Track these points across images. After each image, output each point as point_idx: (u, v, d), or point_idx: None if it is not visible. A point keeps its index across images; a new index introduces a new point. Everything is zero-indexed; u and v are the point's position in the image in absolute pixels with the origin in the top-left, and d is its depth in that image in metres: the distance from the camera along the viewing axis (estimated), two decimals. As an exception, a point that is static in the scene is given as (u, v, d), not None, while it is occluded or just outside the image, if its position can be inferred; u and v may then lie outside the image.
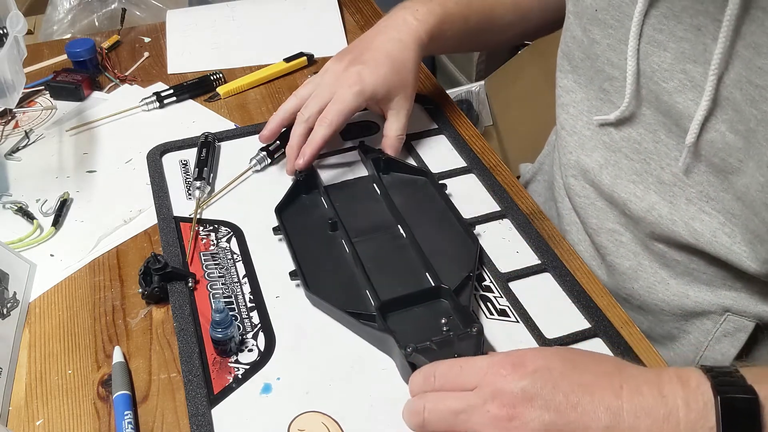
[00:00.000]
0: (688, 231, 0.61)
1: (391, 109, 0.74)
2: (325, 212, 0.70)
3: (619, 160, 0.66)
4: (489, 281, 0.64)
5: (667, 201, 0.62)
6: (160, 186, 0.75)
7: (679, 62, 0.56)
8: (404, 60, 0.73)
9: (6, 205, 0.75)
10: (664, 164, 0.61)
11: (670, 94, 0.57)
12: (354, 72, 0.71)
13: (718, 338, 0.65)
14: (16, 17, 0.69)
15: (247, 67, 0.97)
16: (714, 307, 0.64)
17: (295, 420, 0.53)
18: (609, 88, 0.64)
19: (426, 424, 0.48)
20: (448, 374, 0.49)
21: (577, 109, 0.70)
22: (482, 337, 0.55)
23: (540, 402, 0.45)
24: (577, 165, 0.71)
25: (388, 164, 0.75)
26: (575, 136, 0.70)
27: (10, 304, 0.62)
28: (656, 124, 0.61)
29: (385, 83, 0.72)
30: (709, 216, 0.59)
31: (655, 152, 0.62)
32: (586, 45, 0.65)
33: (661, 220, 0.63)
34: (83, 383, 0.58)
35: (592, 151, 0.68)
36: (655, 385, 0.45)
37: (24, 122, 0.88)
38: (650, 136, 0.62)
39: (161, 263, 0.62)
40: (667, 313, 0.67)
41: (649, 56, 0.58)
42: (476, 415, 0.46)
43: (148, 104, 0.89)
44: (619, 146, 0.65)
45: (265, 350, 0.58)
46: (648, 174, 0.63)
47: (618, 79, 0.63)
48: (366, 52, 0.74)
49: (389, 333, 0.56)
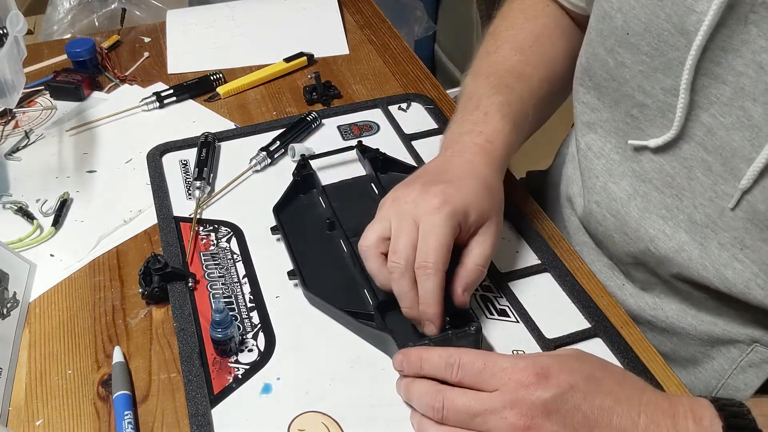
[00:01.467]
0: (719, 278, 0.58)
1: (479, 234, 0.57)
2: (323, 212, 0.70)
3: (648, 192, 0.62)
4: (489, 281, 0.64)
5: (698, 243, 0.59)
6: (160, 186, 0.75)
7: (738, 98, 0.52)
8: (492, 181, 0.60)
9: (6, 205, 0.75)
10: (698, 203, 0.58)
11: (727, 129, 0.53)
12: (437, 191, 0.56)
13: (743, 368, 0.63)
14: (16, 17, 0.69)
15: (247, 67, 0.97)
16: (742, 337, 0.62)
17: (295, 420, 0.53)
18: (638, 115, 0.60)
19: (444, 419, 0.48)
20: (471, 368, 0.48)
21: (605, 130, 0.65)
22: (480, 336, 0.55)
23: (558, 418, 0.45)
24: (603, 191, 0.66)
25: (386, 164, 0.75)
26: (603, 159, 0.66)
27: (10, 304, 0.62)
28: (693, 159, 0.57)
29: (477, 203, 0.57)
30: (743, 264, 0.56)
31: (689, 189, 0.58)
32: (612, 66, 0.60)
33: (690, 263, 0.59)
34: (83, 383, 0.58)
35: (620, 179, 0.64)
36: (670, 418, 0.45)
37: (24, 122, 0.88)
38: (684, 171, 0.58)
39: (161, 263, 0.62)
40: (693, 338, 0.65)
41: (706, 88, 0.54)
42: (493, 420, 0.46)
43: (148, 104, 0.89)
44: (650, 177, 0.61)
45: (265, 350, 0.58)
46: (679, 211, 0.60)
47: (650, 108, 0.59)
48: (443, 173, 0.60)
49: (387, 332, 0.56)
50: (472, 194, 0.57)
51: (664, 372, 0.56)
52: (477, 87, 0.67)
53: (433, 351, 0.51)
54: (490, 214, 0.58)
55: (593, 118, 0.66)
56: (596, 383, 0.47)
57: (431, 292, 0.54)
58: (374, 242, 0.56)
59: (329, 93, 0.90)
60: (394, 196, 0.58)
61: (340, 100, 0.90)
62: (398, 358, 0.53)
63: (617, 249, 0.67)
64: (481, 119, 0.64)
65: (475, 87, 0.67)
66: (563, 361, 0.48)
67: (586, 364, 0.48)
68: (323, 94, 0.89)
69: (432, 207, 0.55)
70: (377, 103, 0.87)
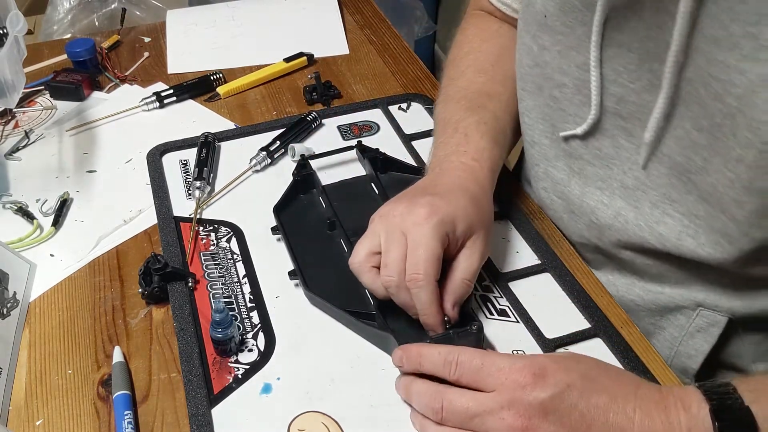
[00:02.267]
0: (653, 235, 0.60)
1: (467, 248, 0.57)
2: (324, 211, 0.70)
3: (583, 168, 0.64)
4: (489, 281, 0.64)
5: (632, 206, 0.61)
6: (160, 186, 0.75)
7: (645, 62, 0.54)
8: (480, 196, 0.60)
9: (6, 205, 0.75)
10: (626, 168, 0.60)
11: (638, 93, 0.56)
12: (425, 203, 0.56)
13: (691, 333, 0.65)
14: (16, 17, 0.69)
15: (247, 67, 0.97)
16: (687, 302, 0.64)
17: (295, 420, 0.53)
18: (559, 96, 0.63)
19: (444, 420, 0.49)
20: (469, 366, 0.49)
21: (531, 118, 0.68)
22: (482, 335, 0.55)
23: (555, 418, 0.46)
24: (546, 176, 0.69)
25: (386, 163, 0.75)
26: (536, 146, 0.69)
27: (10, 304, 0.62)
28: (615, 128, 0.59)
29: (465, 215, 0.56)
30: (673, 219, 0.59)
31: (617, 157, 0.61)
32: (536, 52, 0.63)
33: (627, 226, 0.62)
34: (83, 383, 0.58)
35: (556, 161, 0.67)
36: (663, 410, 0.46)
37: (24, 122, 0.88)
38: (609, 141, 0.60)
39: (161, 263, 0.62)
40: (642, 309, 0.67)
41: (613, 58, 0.56)
42: (491, 420, 0.47)
43: (148, 104, 0.89)
44: (580, 153, 0.64)
45: (265, 350, 0.58)
46: (612, 179, 0.62)
47: (567, 86, 0.61)
48: (430, 188, 0.60)
49: (389, 331, 0.56)
50: (460, 206, 0.57)
51: (664, 372, 0.56)
52: (450, 112, 0.68)
53: (432, 348, 0.51)
54: (478, 226, 0.57)
55: (522, 108, 0.68)
56: (592, 381, 0.47)
57: (427, 303, 0.54)
58: (364, 257, 0.57)
59: (329, 93, 0.90)
60: (382, 212, 0.58)
61: (340, 100, 0.90)
62: (398, 354, 0.53)
63: (567, 230, 0.69)
64: (463, 140, 0.65)
65: (447, 113, 0.68)
66: (559, 360, 0.48)
67: (582, 363, 0.49)
68: (323, 94, 0.89)
69: (420, 218, 0.55)
70: (377, 103, 0.87)
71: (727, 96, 0.48)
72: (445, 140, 0.66)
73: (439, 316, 0.55)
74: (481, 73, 0.71)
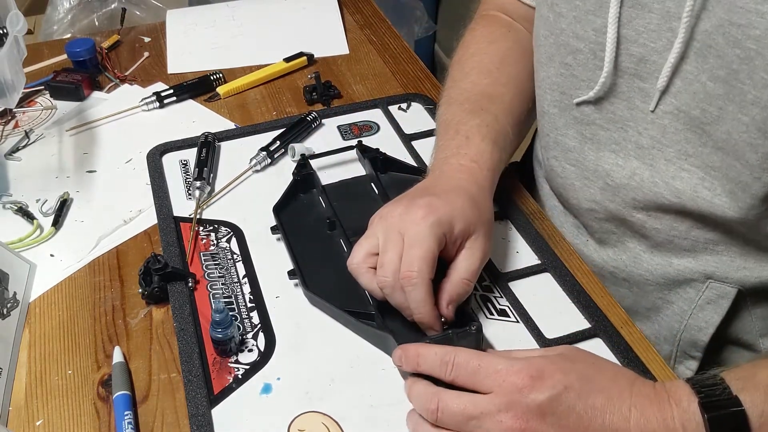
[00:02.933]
0: (669, 190, 0.61)
1: (466, 248, 0.57)
2: (323, 211, 0.70)
3: (596, 133, 0.65)
4: (489, 281, 0.64)
5: (647, 165, 0.62)
6: (160, 186, 0.75)
7: (665, 21, 0.56)
8: (479, 197, 0.60)
9: (6, 205, 0.75)
10: (641, 129, 0.61)
11: (659, 53, 0.57)
12: (422, 203, 0.56)
13: (701, 306, 0.65)
14: (16, 17, 0.69)
15: (247, 67, 0.97)
16: (696, 275, 0.65)
17: (295, 420, 0.53)
18: (572, 62, 0.64)
19: (439, 422, 0.49)
20: (465, 367, 0.49)
21: (542, 89, 0.69)
22: (481, 335, 0.55)
23: (553, 420, 0.46)
24: (556, 145, 0.69)
25: (386, 163, 0.75)
26: (545, 116, 0.69)
27: (10, 304, 0.62)
28: (631, 90, 0.60)
29: (463, 215, 0.57)
30: (689, 173, 0.60)
31: (631, 119, 0.61)
32: (552, 21, 0.64)
33: (642, 184, 0.63)
34: (83, 383, 0.58)
35: (566, 129, 0.67)
36: (657, 406, 0.47)
37: (24, 122, 0.88)
38: (624, 104, 0.61)
39: (161, 263, 0.62)
40: (651, 283, 0.68)
41: (634, 19, 0.57)
42: (488, 423, 0.47)
43: (148, 104, 0.89)
44: (592, 119, 0.64)
45: (265, 350, 0.58)
46: (627, 141, 0.63)
47: (582, 52, 0.62)
48: (431, 188, 0.60)
49: (388, 331, 0.56)
50: (457, 207, 0.57)
51: (664, 372, 0.56)
52: (452, 115, 0.68)
53: (430, 348, 0.51)
54: (476, 226, 0.57)
55: (536, 79, 0.69)
56: (589, 382, 0.47)
57: (421, 302, 0.54)
58: (362, 258, 0.57)
59: (329, 93, 0.90)
60: (382, 213, 0.58)
61: (340, 100, 0.90)
62: (397, 354, 0.53)
63: (578, 196, 0.69)
64: (464, 143, 0.65)
65: (450, 115, 0.69)
66: (556, 361, 0.48)
67: (579, 363, 0.49)
68: (323, 94, 0.89)
69: (417, 218, 0.55)
70: (377, 103, 0.87)
71: (747, 40, 0.50)
72: (446, 143, 0.66)
73: (433, 315, 0.55)
74: (485, 75, 0.72)
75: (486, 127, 0.66)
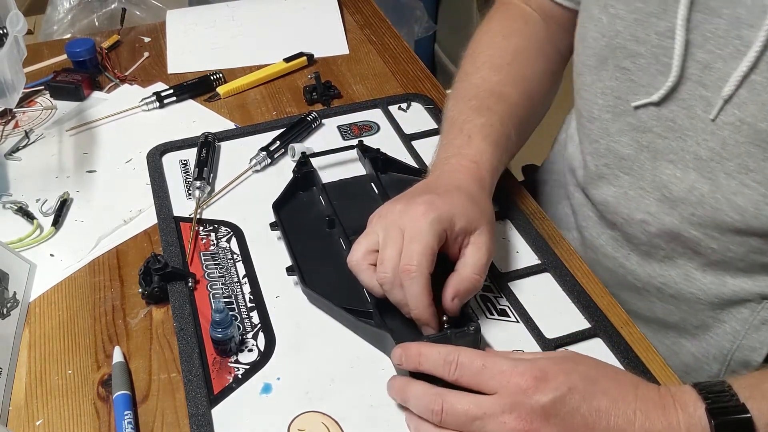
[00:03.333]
0: (731, 207, 0.59)
1: (471, 244, 0.57)
2: (323, 209, 0.70)
3: (653, 141, 0.62)
4: (489, 281, 0.64)
5: (706, 178, 0.60)
6: (160, 186, 0.75)
7: (734, 28, 0.53)
8: (479, 196, 0.60)
9: (6, 205, 0.75)
10: (701, 140, 0.59)
11: (725, 60, 0.55)
12: (422, 201, 0.56)
13: (756, 326, 0.64)
14: (16, 17, 0.69)
15: (247, 67, 0.97)
16: (752, 296, 0.63)
17: (295, 420, 0.53)
18: (630, 66, 0.61)
19: (443, 422, 0.48)
20: (469, 368, 0.49)
21: (590, 93, 0.67)
22: (480, 336, 0.55)
23: (557, 421, 0.46)
24: (608, 152, 0.67)
25: (387, 163, 0.75)
26: (596, 122, 0.67)
27: (10, 304, 0.62)
28: (692, 98, 0.58)
29: (463, 212, 0.57)
30: (750, 189, 0.58)
31: (691, 128, 0.59)
32: (605, 23, 0.62)
33: (703, 199, 0.60)
34: (83, 383, 0.58)
35: (620, 136, 0.65)
36: (661, 410, 0.46)
37: (24, 122, 0.88)
38: (684, 112, 0.59)
39: (161, 263, 0.62)
40: (703, 302, 0.66)
41: (701, 24, 0.55)
42: (492, 424, 0.46)
43: (148, 104, 0.89)
44: (650, 126, 0.62)
45: (265, 350, 0.58)
46: (685, 152, 0.60)
47: (643, 56, 0.60)
48: (431, 187, 0.60)
49: (386, 330, 0.56)
50: (458, 204, 0.57)
51: (664, 372, 0.56)
52: (459, 111, 0.68)
53: (432, 347, 0.51)
54: (479, 222, 0.57)
55: (579, 84, 0.67)
56: (593, 384, 0.47)
57: (418, 297, 0.54)
58: (362, 255, 0.57)
59: (329, 93, 0.90)
60: (381, 212, 0.59)
61: (340, 100, 0.90)
62: (397, 352, 0.53)
63: (631, 206, 0.67)
64: (465, 143, 0.65)
65: (457, 111, 0.69)
66: (560, 362, 0.48)
67: (581, 365, 0.49)
68: (323, 94, 0.89)
69: (417, 214, 0.55)
70: (377, 103, 0.87)
71: None
72: (450, 141, 0.66)
73: (430, 312, 0.54)
74: (496, 72, 0.71)
75: (490, 127, 0.66)
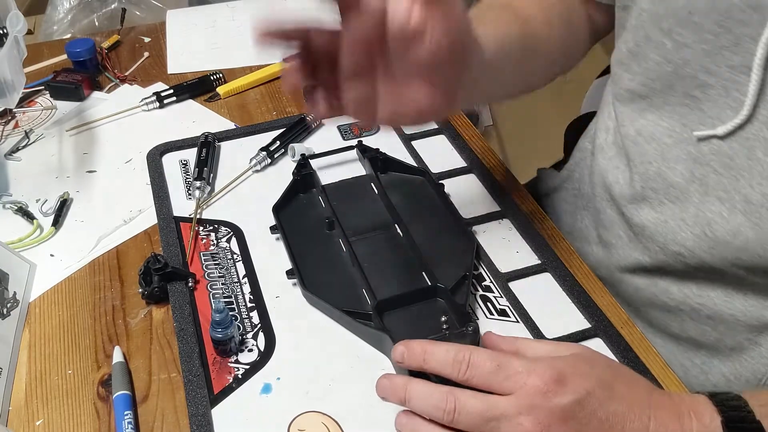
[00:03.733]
0: None
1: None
2: (323, 211, 0.70)
3: (706, 175, 0.60)
4: (489, 281, 0.64)
5: (753, 223, 0.57)
6: (160, 186, 0.75)
7: None
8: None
9: (6, 205, 0.75)
10: (755, 183, 0.56)
11: None
12: None
13: None
14: (16, 17, 0.69)
15: (247, 67, 0.97)
16: None
17: (295, 420, 0.53)
18: (700, 96, 0.58)
19: (455, 422, 0.47)
20: (482, 368, 0.48)
21: (656, 115, 0.63)
22: (478, 336, 0.55)
23: (573, 424, 0.45)
24: (658, 177, 0.64)
25: (386, 163, 0.75)
26: (654, 143, 0.64)
27: (10, 304, 0.62)
28: (756, 139, 0.55)
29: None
30: None
31: (747, 169, 0.56)
32: (669, 48, 0.59)
33: (747, 245, 0.58)
34: (83, 383, 0.58)
35: (675, 163, 0.62)
36: (677, 418, 0.46)
37: (24, 122, 0.88)
38: (745, 152, 0.56)
39: (161, 263, 0.62)
40: (742, 324, 0.63)
41: None
42: (507, 425, 0.46)
43: (148, 104, 0.89)
44: (708, 159, 0.59)
45: (265, 350, 0.58)
46: (736, 192, 0.58)
47: (714, 87, 0.57)
48: None
49: (385, 332, 0.56)
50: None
51: (664, 372, 0.56)
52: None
53: (439, 345, 0.49)
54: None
55: (643, 104, 0.64)
56: (609, 388, 0.47)
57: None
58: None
59: (329, 93, 0.89)
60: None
61: (340, 100, 0.90)
62: (399, 349, 0.51)
63: (667, 237, 0.65)
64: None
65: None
66: (575, 364, 0.48)
67: (596, 367, 0.48)
68: (323, 94, 0.89)
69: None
70: (377, 103, 0.87)
71: None
72: None
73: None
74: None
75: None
